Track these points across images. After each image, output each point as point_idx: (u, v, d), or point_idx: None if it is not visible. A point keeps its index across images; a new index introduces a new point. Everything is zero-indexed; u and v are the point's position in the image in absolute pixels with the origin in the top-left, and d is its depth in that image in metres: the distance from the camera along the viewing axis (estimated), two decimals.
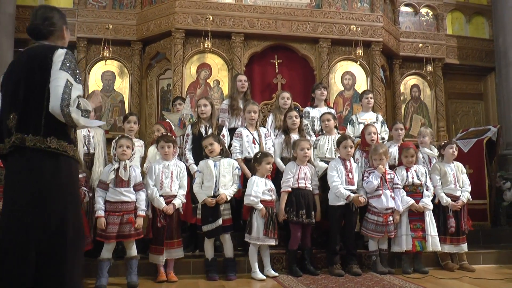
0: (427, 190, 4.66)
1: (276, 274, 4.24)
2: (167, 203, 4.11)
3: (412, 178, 4.66)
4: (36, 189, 2.38)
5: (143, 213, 4.03)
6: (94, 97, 2.77)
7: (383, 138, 5.27)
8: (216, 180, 4.24)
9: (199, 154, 4.54)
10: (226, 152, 4.47)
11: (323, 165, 4.74)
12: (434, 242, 4.51)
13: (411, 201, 4.54)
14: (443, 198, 4.72)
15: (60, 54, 2.46)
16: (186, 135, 4.82)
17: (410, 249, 4.48)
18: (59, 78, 2.40)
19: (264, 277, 4.16)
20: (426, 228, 4.52)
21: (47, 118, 2.41)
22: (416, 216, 4.56)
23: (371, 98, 5.57)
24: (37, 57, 2.49)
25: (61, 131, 2.46)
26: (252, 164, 4.51)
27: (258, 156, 4.39)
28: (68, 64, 2.46)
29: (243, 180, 4.66)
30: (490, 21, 8.29)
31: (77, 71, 2.52)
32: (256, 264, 4.24)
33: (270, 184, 4.38)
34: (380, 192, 4.45)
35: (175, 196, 4.18)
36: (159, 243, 4.05)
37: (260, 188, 4.25)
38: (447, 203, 4.70)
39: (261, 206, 4.20)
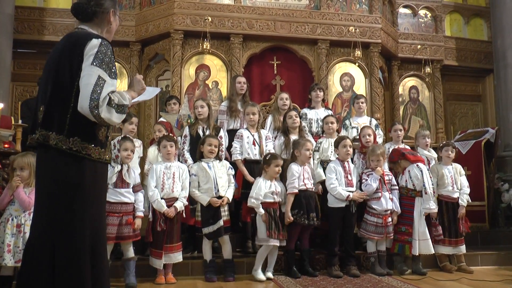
0: (425, 193, 4.58)
1: (272, 276, 4.22)
2: (169, 206, 4.09)
3: (406, 181, 4.66)
4: (60, 192, 2.25)
5: (141, 214, 4.06)
6: (137, 84, 2.53)
7: (377, 142, 5.25)
8: (214, 181, 4.24)
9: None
10: (218, 155, 4.45)
11: (322, 173, 4.69)
12: (423, 245, 4.49)
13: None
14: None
15: (93, 46, 2.26)
16: (184, 136, 4.83)
17: (389, 247, 4.57)
18: (89, 75, 2.21)
19: (264, 278, 4.15)
20: (413, 232, 4.50)
21: (73, 117, 2.23)
22: (405, 220, 4.56)
23: (362, 102, 5.56)
24: (70, 47, 2.32)
25: (87, 132, 2.28)
26: (256, 165, 4.53)
27: (267, 158, 4.34)
28: (101, 57, 2.26)
29: (242, 181, 4.66)
30: (488, 23, 8.30)
31: (112, 65, 2.31)
32: (261, 264, 4.22)
33: (276, 187, 4.31)
34: (380, 194, 4.46)
35: (176, 198, 4.17)
36: (158, 247, 4.03)
37: (262, 191, 4.22)
38: (433, 210, 4.61)
39: (262, 211, 4.19)
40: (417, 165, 4.66)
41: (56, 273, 2.22)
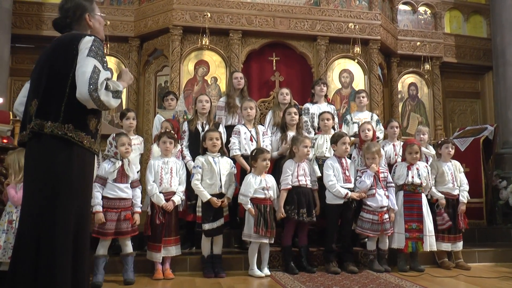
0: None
1: (269, 273, 4.22)
2: (167, 199, 4.11)
3: (412, 177, 4.62)
4: (47, 180, 2.31)
5: (139, 209, 4.08)
6: (125, 75, 2.64)
7: (377, 138, 5.25)
8: (219, 178, 4.23)
9: (196, 150, 4.53)
10: (223, 150, 4.45)
11: (318, 170, 4.68)
12: (431, 241, 4.52)
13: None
14: (435, 193, 4.73)
15: (87, 41, 2.40)
16: (183, 132, 4.82)
17: (402, 247, 4.50)
18: (85, 64, 2.33)
19: (263, 274, 4.15)
20: (424, 228, 4.51)
21: (67, 106, 2.35)
22: (414, 216, 4.55)
23: (363, 97, 5.55)
24: (63, 44, 2.45)
25: (80, 121, 2.39)
26: (249, 162, 4.51)
27: (253, 154, 4.34)
28: (95, 51, 2.39)
29: (240, 178, 4.65)
30: (488, 20, 8.29)
31: (104, 59, 2.45)
32: (255, 261, 4.22)
33: (267, 182, 4.31)
34: (374, 191, 4.45)
35: (174, 192, 4.19)
36: (157, 241, 4.06)
37: (251, 187, 4.21)
38: (441, 198, 4.69)
39: (248, 206, 4.18)
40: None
41: (38, 264, 2.26)
